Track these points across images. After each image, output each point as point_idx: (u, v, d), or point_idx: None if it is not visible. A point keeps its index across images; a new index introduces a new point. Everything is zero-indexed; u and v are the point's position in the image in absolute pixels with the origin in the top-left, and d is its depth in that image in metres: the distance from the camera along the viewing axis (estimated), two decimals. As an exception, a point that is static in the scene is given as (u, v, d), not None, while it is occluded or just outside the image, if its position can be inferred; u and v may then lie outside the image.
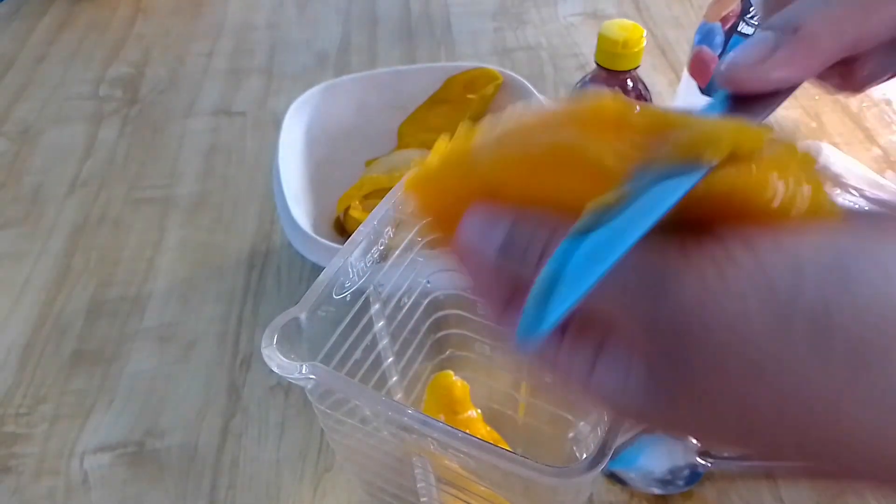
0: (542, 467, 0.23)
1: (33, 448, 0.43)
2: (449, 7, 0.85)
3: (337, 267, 0.29)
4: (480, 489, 0.31)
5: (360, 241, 0.30)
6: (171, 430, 0.44)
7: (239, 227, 0.57)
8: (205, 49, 0.79)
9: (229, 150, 0.65)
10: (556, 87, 0.71)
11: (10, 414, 0.45)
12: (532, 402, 0.41)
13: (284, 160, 0.49)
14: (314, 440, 0.43)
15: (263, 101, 0.71)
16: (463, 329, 0.41)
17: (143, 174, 0.63)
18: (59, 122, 0.69)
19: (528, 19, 0.82)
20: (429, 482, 0.32)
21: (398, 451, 0.31)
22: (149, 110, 0.70)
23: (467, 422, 0.38)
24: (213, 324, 0.50)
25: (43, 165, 0.64)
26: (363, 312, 0.33)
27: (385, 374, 0.38)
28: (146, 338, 0.49)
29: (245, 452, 0.43)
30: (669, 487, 0.40)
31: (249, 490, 0.41)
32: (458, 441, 0.24)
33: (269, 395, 0.46)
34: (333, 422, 0.30)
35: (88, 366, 0.47)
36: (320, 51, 0.78)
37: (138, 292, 0.52)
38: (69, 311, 0.51)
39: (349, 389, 0.27)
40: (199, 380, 0.46)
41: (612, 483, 0.40)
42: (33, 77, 0.75)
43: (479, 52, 0.77)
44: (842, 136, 0.64)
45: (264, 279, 0.53)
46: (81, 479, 0.42)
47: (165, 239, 0.56)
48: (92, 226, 0.58)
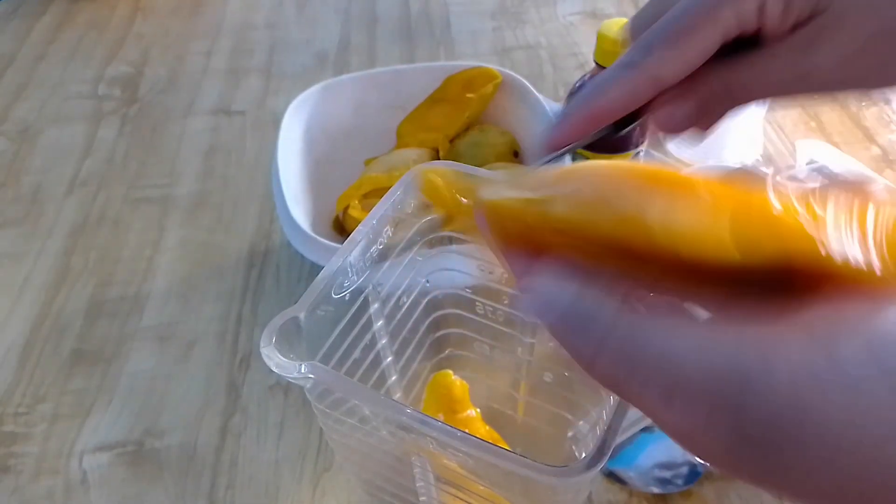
0: (540, 466, 0.23)
1: (32, 447, 0.43)
2: (448, 6, 0.85)
3: (336, 266, 0.29)
4: (479, 488, 0.31)
5: (359, 241, 0.30)
6: (171, 430, 0.44)
7: (238, 227, 0.57)
8: (204, 48, 0.79)
9: (228, 149, 0.65)
10: (555, 86, 0.71)
11: (10, 413, 0.45)
12: (531, 401, 0.41)
13: (283, 159, 0.49)
14: (313, 440, 0.43)
15: (263, 101, 0.71)
16: (462, 328, 0.41)
17: (143, 173, 0.63)
18: (58, 121, 0.69)
19: (527, 19, 0.82)
20: (428, 481, 0.32)
21: (397, 451, 0.31)
22: (148, 110, 0.70)
23: (466, 421, 0.38)
24: (212, 323, 0.50)
25: (42, 165, 0.64)
26: (362, 311, 0.33)
27: (384, 373, 0.38)
28: (145, 337, 0.49)
29: (244, 452, 0.43)
30: (668, 486, 0.40)
31: (248, 489, 0.41)
32: (457, 440, 0.24)
33: (268, 394, 0.46)
34: (332, 421, 0.30)
35: (88, 365, 0.47)
36: (319, 50, 0.78)
37: (137, 292, 0.52)
38: (68, 310, 0.51)
39: (348, 388, 0.26)
40: (198, 379, 0.46)
41: (611, 482, 0.40)
42: (32, 76, 0.75)
43: (479, 51, 0.77)
44: (841, 135, 0.64)
45: (263, 278, 0.53)
46: (80, 479, 0.42)
47: (165, 238, 0.56)
48: (91, 225, 0.58)
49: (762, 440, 0.14)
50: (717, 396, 0.14)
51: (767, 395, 0.13)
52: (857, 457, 0.13)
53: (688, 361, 0.14)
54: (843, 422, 0.13)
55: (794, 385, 0.13)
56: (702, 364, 0.14)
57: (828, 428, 0.13)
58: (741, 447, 0.14)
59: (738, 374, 0.14)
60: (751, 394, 0.13)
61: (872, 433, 0.13)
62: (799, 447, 0.13)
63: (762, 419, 0.13)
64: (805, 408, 0.13)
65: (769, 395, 0.13)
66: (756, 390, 0.13)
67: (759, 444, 0.14)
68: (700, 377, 0.14)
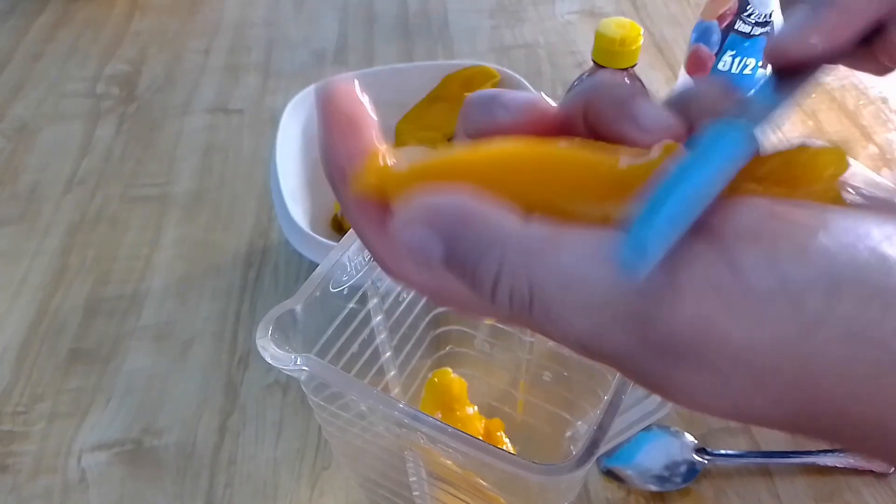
0: (528, 464, 0.23)
1: (30, 446, 0.43)
2: (446, 5, 0.85)
3: (334, 261, 0.29)
4: (471, 484, 0.31)
5: (357, 237, 0.30)
6: (169, 428, 0.44)
7: (236, 225, 0.57)
8: (202, 46, 0.79)
9: (226, 147, 0.65)
10: (553, 84, 0.71)
11: (8, 412, 0.45)
12: (530, 399, 0.41)
13: (282, 158, 0.49)
14: (312, 438, 0.43)
15: (261, 99, 0.71)
16: (462, 326, 0.41)
17: (140, 172, 0.63)
18: (55, 119, 0.69)
19: (525, 17, 0.82)
20: (420, 476, 0.32)
21: (392, 446, 0.31)
22: (146, 108, 0.70)
23: (464, 419, 0.38)
24: (210, 322, 0.50)
25: (39, 163, 0.64)
26: (361, 307, 0.33)
27: (383, 368, 0.38)
28: (143, 336, 0.49)
29: (242, 450, 0.43)
30: (666, 484, 0.40)
31: (247, 488, 0.41)
32: (448, 436, 0.24)
33: (266, 393, 0.45)
34: (328, 415, 0.30)
35: (85, 364, 0.47)
36: (318, 48, 0.78)
37: (135, 290, 0.52)
38: (66, 309, 0.51)
39: (341, 382, 0.27)
40: (196, 378, 0.46)
41: (609, 480, 0.40)
42: (30, 75, 0.75)
43: (477, 50, 0.77)
44: (838, 133, 0.64)
45: (261, 277, 0.53)
46: (79, 478, 0.41)
47: (162, 237, 0.56)
48: (89, 224, 0.58)
49: (665, 351, 0.14)
50: (622, 305, 0.14)
51: (674, 306, 0.13)
52: (753, 380, 0.13)
53: (596, 272, 0.14)
54: (742, 343, 0.13)
55: (698, 301, 0.13)
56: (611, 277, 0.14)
57: (726, 345, 0.13)
58: (643, 354, 0.14)
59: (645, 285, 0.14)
60: (653, 303, 0.14)
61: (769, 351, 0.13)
62: (697, 364, 0.14)
63: (666, 332, 0.14)
64: (708, 321, 0.13)
65: (675, 307, 0.13)
66: (662, 300, 0.13)
67: (662, 354, 0.14)
68: (608, 289, 0.14)
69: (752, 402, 0.14)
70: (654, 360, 0.14)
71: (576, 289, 0.14)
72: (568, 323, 0.14)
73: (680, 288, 0.13)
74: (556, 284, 0.14)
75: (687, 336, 0.13)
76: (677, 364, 0.14)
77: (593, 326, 0.14)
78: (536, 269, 0.14)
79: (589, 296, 0.14)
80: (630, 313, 0.14)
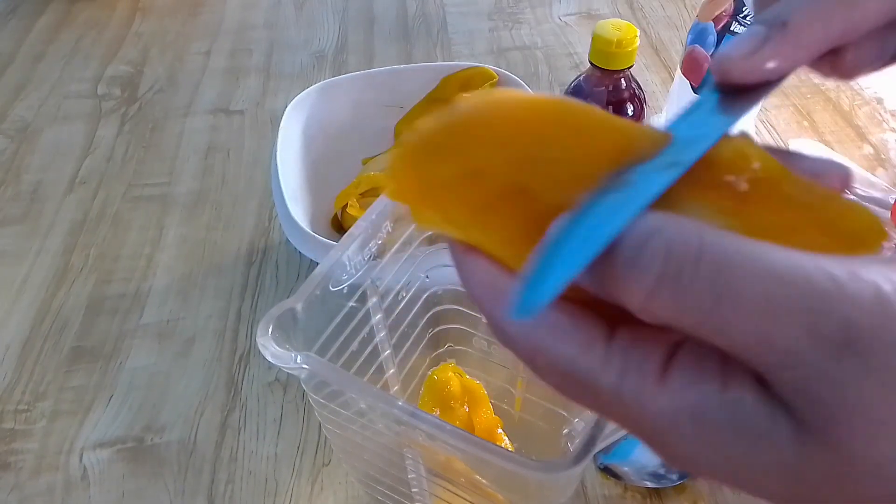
0: (525, 461, 0.23)
1: (33, 444, 0.43)
2: (445, 7, 0.85)
3: (334, 260, 0.30)
4: (470, 481, 0.31)
5: (357, 235, 0.31)
6: (170, 426, 0.44)
7: (237, 225, 0.57)
8: (203, 48, 0.79)
9: (227, 148, 0.65)
10: (551, 86, 0.72)
11: (10, 410, 0.45)
12: (528, 397, 0.42)
13: (282, 158, 0.49)
14: (312, 435, 0.44)
15: (261, 100, 0.71)
16: (461, 324, 0.41)
17: (142, 172, 0.63)
18: (57, 120, 0.69)
19: (523, 19, 0.83)
20: (419, 473, 0.32)
21: (392, 443, 0.32)
22: (147, 109, 0.71)
23: (463, 416, 0.38)
24: (211, 320, 0.50)
25: (42, 163, 0.64)
26: (360, 305, 0.33)
27: (382, 366, 0.38)
28: (145, 334, 0.49)
29: (244, 447, 0.43)
30: (663, 481, 0.40)
31: (248, 484, 0.41)
32: (446, 434, 0.25)
33: (267, 390, 0.46)
34: (329, 412, 0.30)
35: (88, 362, 0.48)
36: (318, 50, 0.79)
37: (137, 289, 0.52)
38: (68, 307, 0.51)
39: (341, 380, 0.27)
40: (197, 376, 0.47)
41: (605, 477, 0.41)
42: (32, 76, 0.75)
43: (475, 51, 0.78)
44: (833, 134, 0.65)
45: (262, 276, 0.53)
46: (81, 475, 0.42)
47: (164, 236, 0.57)
48: (91, 223, 0.58)
49: (840, 340, 0.13)
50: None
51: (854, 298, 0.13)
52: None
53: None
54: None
55: (879, 297, 0.13)
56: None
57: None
58: (815, 347, 0.13)
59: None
60: (828, 300, 0.13)
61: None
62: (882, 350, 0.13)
63: (841, 320, 0.13)
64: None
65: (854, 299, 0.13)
66: (839, 296, 0.13)
67: (837, 343, 0.13)
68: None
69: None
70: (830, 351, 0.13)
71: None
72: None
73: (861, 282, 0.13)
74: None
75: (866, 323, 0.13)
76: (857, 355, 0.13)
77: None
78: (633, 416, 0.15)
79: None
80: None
